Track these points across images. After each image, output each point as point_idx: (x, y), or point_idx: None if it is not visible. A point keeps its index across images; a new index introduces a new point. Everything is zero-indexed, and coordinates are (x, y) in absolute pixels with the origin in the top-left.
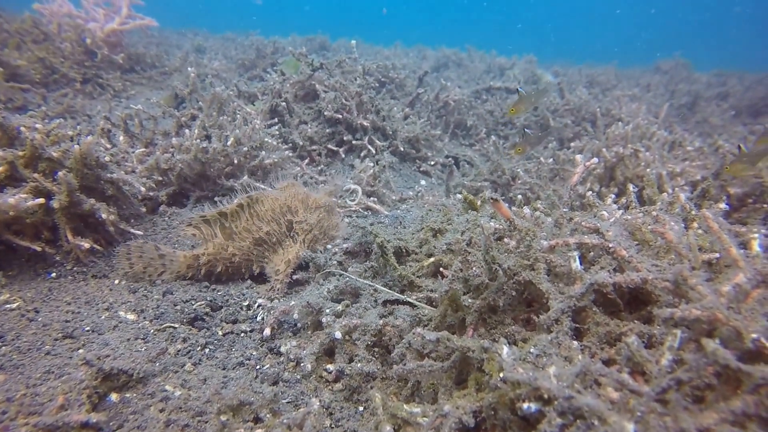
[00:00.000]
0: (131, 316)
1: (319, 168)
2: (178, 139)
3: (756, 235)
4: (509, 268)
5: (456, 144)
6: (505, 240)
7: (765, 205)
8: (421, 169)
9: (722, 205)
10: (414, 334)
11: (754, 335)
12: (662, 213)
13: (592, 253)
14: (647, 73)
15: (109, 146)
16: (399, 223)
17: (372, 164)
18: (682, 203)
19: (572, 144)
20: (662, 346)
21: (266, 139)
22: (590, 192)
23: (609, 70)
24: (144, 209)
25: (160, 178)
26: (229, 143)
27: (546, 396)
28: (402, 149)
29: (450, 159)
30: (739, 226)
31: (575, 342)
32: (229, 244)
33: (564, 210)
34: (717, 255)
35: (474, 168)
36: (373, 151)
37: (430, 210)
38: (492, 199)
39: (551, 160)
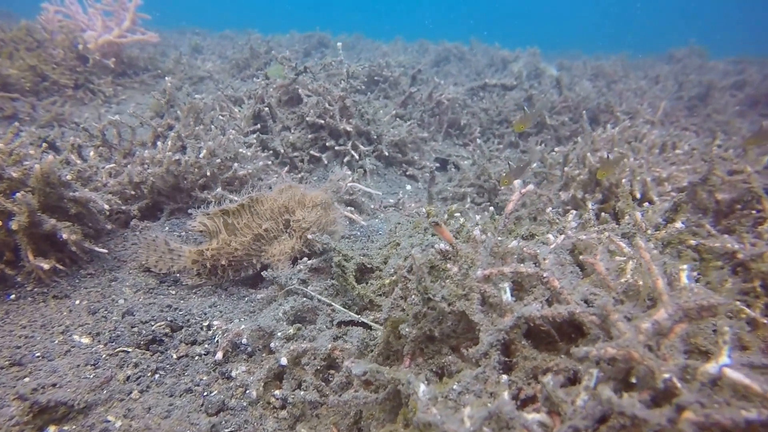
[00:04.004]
0: (86, 340)
1: (300, 175)
2: (151, 152)
3: (684, 267)
4: (443, 297)
5: (449, 144)
6: (448, 266)
7: (753, 212)
8: (407, 173)
9: (678, 225)
10: (345, 367)
11: (666, 375)
12: (613, 234)
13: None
14: (659, 62)
15: (79, 161)
16: (369, 237)
17: (349, 172)
18: (637, 222)
19: (557, 149)
20: (579, 385)
21: (240, 150)
22: (550, 209)
23: (617, 61)
24: (111, 225)
25: (133, 192)
26: (201, 155)
27: None
28: (387, 153)
29: (432, 167)
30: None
31: (504, 376)
32: (232, 239)
33: (498, 239)
34: None
35: (459, 172)
36: (357, 157)
37: (399, 223)
38: (433, 223)
39: (537, 163)
